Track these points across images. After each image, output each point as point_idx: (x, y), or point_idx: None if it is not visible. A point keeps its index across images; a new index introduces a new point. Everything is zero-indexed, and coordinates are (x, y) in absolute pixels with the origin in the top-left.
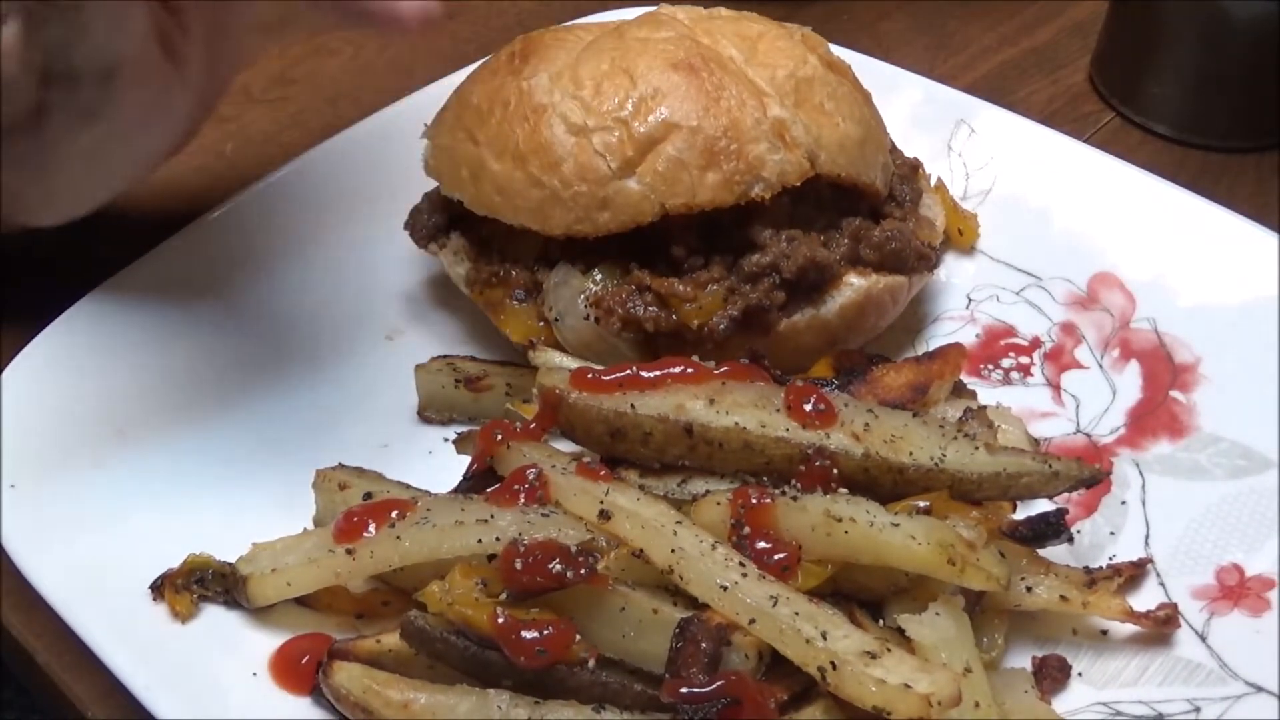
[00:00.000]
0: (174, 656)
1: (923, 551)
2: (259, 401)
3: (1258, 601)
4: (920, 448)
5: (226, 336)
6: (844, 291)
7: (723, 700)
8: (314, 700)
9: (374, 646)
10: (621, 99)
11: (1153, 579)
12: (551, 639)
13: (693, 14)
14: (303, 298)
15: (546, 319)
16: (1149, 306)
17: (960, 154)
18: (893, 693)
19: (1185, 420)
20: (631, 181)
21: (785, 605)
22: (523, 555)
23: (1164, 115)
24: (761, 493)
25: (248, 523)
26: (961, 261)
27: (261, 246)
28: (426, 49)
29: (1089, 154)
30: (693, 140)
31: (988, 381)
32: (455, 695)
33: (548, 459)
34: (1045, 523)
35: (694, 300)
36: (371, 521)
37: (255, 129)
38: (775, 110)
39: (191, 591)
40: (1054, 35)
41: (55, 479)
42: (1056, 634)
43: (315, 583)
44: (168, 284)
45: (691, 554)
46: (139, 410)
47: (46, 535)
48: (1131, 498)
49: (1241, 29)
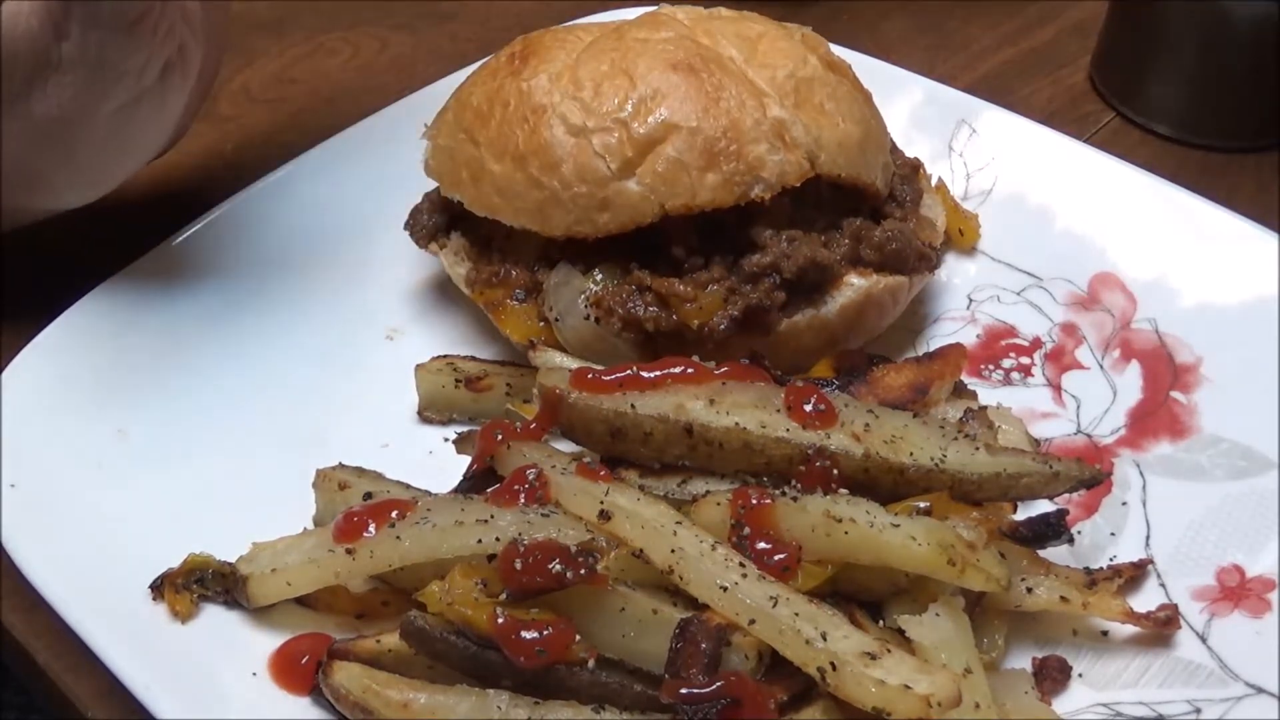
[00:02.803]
0: (174, 656)
1: (923, 552)
2: (259, 401)
3: (1258, 603)
4: (920, 448)
5: (227, 336)
6: (844, 292)
7: (722, 700)
8: (314, 700)
9: (374, 646)
10: (621, 100)
11: (1153, 580)
12: (551, 639)
13: (693, 14)
14: (303, 297)
15: (547, 319)
16: (1150, 307)
17: (961, 154)
18: (892, 693)
19: (1186, 421)
20: (631, 182)
21: (785, 606)
22: (523, 555)
23: (1164, 115)
24: (761, 493)
25: (248, 522)
26: (962, 262)
27: (261, 246)
28: (426, 49)
29: (1090, 154)
30: (692, 141)
31: (988, 382)
32: (455, 695)
33: (548, 459)
34: (1045, 524)
35: (694, 300)
36: (371, 521)
37: (255, 129)
38: (775, 111)
39: (191, 591)
40: (1054, 35)
41: (55, 479)
42: (1057, 635)
43: (315, 582)
44: (168, 284)
45: (691, 554)
46: (139, 410)
47: (46, 535)
48: (1132, 498)
49: (1241, 29)
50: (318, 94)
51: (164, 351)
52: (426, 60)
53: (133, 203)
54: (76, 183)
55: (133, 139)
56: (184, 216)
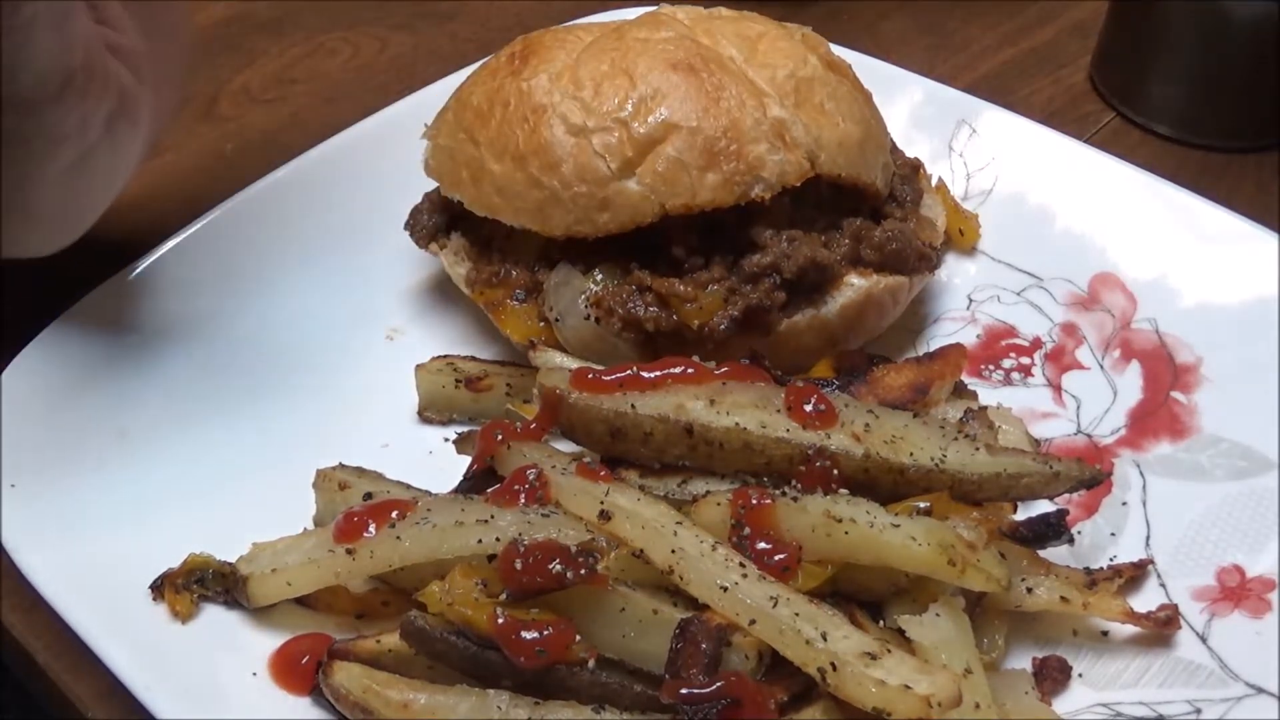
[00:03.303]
0: (173, 656)
1: (923, 552)
2: (259, 401)
3: (1259, 603)
4: (921, 448)
5: (227, 336)
6: (845, 292)
7: (722, 701)
8: (314, 700)
9: (374, 647)
10: (621, 99)
11: (1153, 580)
12: (551, 639)
13: (693, 14)
14: (303, 297)
15: (547, 319)
16: (1150, 307)
17: (961, 154)
18: (893, 694)
19: (1186, 421)
20: (631, 182)
21: (785, 606)
22: (523, 555)
23: (1164, 115)
24: (761, 493)
25: (248, 522)
26: (962, 262)
27: (262, 246)
28: (426, 49)
29: (1090, 155)
30: (692, 141)
31: (989, 382)
32: (455, 695)
33: (548, 459)
34: (1046, 524)
35: (694, 300)
36: (371, 521)
37: (255, 129)
38: (775, 110)
39: (192, 591)
40: (1054, 35)
41: (56, 478)
42: (1057, 635)
43: (315, 583)
44: (168, 284)
45: (691, 554)
46: (140, 410)
47: (47, 534)
48: (1132, 499)
49: (1241, 29)
50: (318, 94)
51: (165, 351)
52: (426, 60)
53: (133, 202)
54: (38, 235)
55: (90, 189)
56: (184, 216)
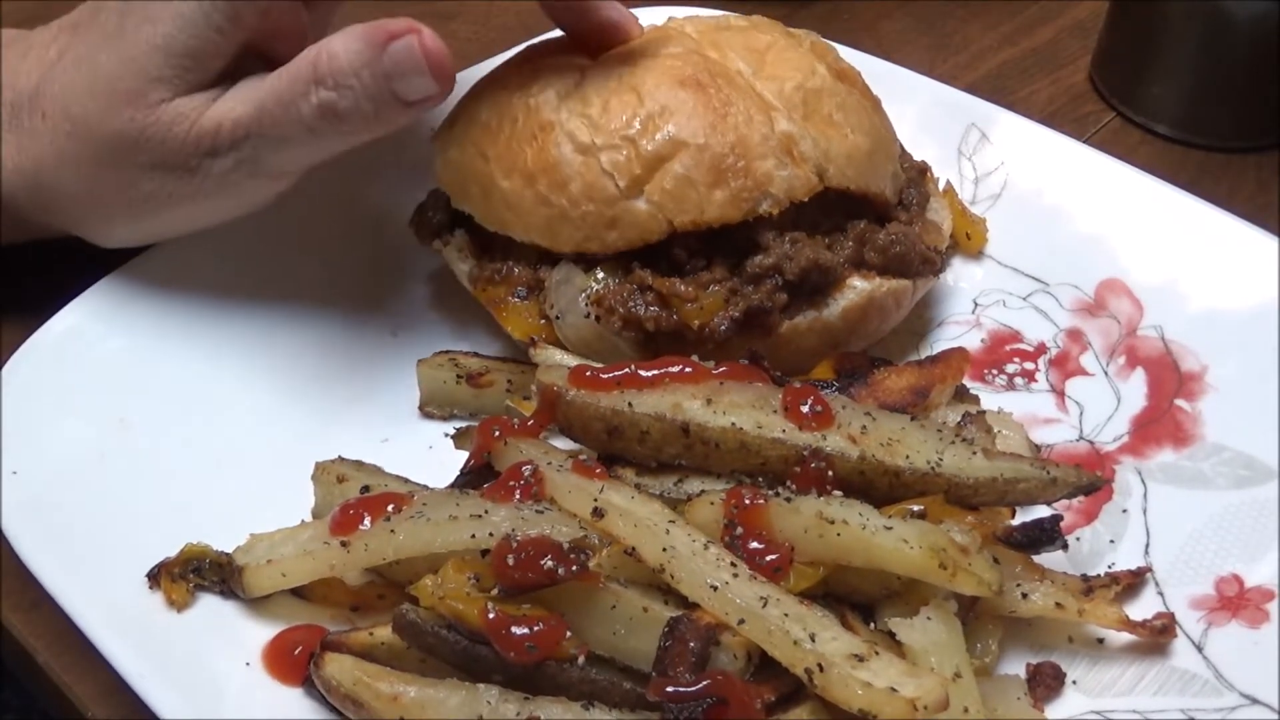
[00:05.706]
0: (168, 645)
1: (914, 555)
2: (261, 393)
3: (1256, 613)
4: (917, 451)
5: (230, 329)
6: (847, 294)
7: (708, 700)
8: (306, 691)
9: (367, 639)
10: (629, 117)
11: (1151, 588)
12: (542, 635)
13: (701, 26)
14: (306, 293)
15: (548, 316)
16: (1156, 313)
17: (970, 158)
18: (878, 696)
19: (1189, 429)
20: (639, 201)
21: (775, 606)
22: (515, 551)
23: (1164, 115)
24: (755, 493)
25: (247, 514)
26: (969, 266)
27: (265, 242)
28: None
29: (1101, 160)
30: (700, 158)
31: (991, 386)
32: (445, 689)
33: (544, 456)
34: (1039, 529)
35: (695, 300)
36: (367, 514)
37: None
38: (783, 125)
39: (188, 580)
40: (1054, 35)
41: (56, 466)
42: (1052, 641)
43: (310, 574)
44: (171, 277)
45: (683, 553)
46: (141, 400)
47: (46, 521)
48: (1133, 506)
49: (1241, 29)
50: None
51: (167, 343)
52: None
53: None
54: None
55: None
56: None
